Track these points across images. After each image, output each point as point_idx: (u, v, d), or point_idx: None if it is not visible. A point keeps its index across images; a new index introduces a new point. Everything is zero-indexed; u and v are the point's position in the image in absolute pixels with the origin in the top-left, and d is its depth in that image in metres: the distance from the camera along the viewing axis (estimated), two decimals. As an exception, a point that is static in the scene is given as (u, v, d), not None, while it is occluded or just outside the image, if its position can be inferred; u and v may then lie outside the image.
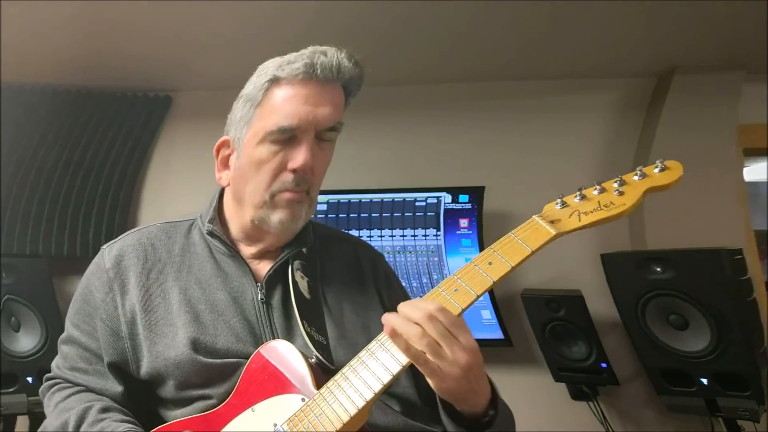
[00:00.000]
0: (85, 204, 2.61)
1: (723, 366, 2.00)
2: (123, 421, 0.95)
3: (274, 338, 0.98)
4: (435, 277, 2.46)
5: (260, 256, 1.07)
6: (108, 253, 1.05)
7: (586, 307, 2.27)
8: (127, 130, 2.70)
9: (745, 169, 2.79)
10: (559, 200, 0.89)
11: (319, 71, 0.96)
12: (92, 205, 2.62)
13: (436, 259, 2.48)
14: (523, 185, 2.62)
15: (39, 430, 1.01)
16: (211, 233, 1.06)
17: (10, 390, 2.18)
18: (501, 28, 2.27)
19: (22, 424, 2.28)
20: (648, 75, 2.73)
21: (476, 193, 2.50)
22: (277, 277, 1.04)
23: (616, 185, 0.87)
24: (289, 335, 0.99)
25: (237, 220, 1.06)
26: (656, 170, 0.86)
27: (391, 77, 2.69)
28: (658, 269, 2.07)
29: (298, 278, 1.02)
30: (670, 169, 0.86)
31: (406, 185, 2.58)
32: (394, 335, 0.81)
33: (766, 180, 3.61)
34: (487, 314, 2.44)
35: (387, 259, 1.23)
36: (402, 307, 0.82)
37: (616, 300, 2.23)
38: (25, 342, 2.23)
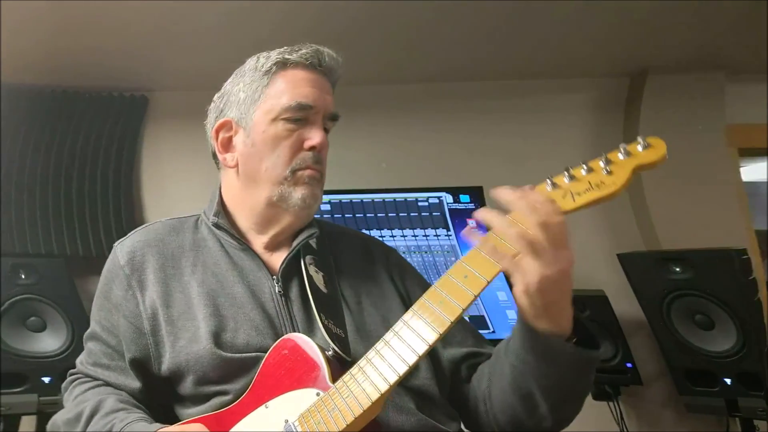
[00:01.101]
0: (89, 204, 2.62)
1: (746, 366, 2.00)
2: (135, 412, 0.95)
3: (294, 331, 0.97)
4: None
5: (272, 247, 1.08)
6: (120, 250, 1.06)
7: (611, 307, 2.27)
8: (109, 131, 2.70)
9: (743, 169, 2.80)
10: (549, 181, 0.88)
11: (327, 60, 1.05)
12: (95, 204, 2.63)
13: (453, 258, 2.47)
14: (514, 183, 2.62)
15: (50, 421, 1.02)
16: (217, 225, 1.07)
17: (17, 390, 2.14)
18: (484, 28, 2.30)
19: (27, 424, 2.26)
20: (621, 75, 2.76)
21: (476, 193, 2.50)
22: (292, 269, 1.04)
23: (602, 164, 0.85)
24: (309, 328, 0.99)
25: (246, 204, 1.07)
26: (639, 148, 0.84)
27: (374, 76, 2.69)
28: (678, 269, 2.08)
29: (312, 272, 1.02)
30: (654, 147, 0.84)
31: (400, 185, 2.58)
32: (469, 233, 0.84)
33: (765, 180, 3.60)
34: (513, 314, 2.42)
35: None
36: (504, 219, 0.83)
37: (640, 300, 2.23)
38: (50, 342, 2.21)
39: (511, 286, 0.83)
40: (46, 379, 2.16)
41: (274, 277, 1.03)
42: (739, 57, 2.51)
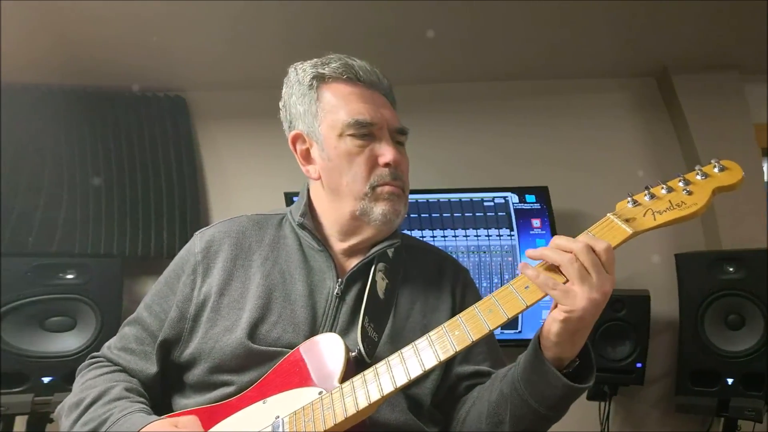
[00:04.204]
0: (153, 204, 2.67)
1: (756, 366, 2.02)
2: (138, 402, 0.99)
3: (331, 332, 1.00)
4: (506, 276, 2.45)
5: (349, 253, 1.10)
6: (200, 238, 1.11)
7: (649, 308, 2.27)
8: (161, 132, 2.74)
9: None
10: (629, 198, 0.89)
11: (361, 73, 1.06)
12: (161, 206, 2.68)
13: (510, 259, 2.47)
14: (576, 184, 2.62)
15: (60, 404, 1.04)
16: (301, 225, 1.09)
17: (16, 390, 2.14)
18: (520, 29, 2.33)
19: (19, 425, 2.26)
20: (643, 75, 2.75)
21: (542, 193, 2.48)
22: (360, 274, 1.07)
23: (681, 184, 0.86)
24: (348, 330, 1.02)
25: (332, 213, 1.09)
26: (716, 170, 0.86)
27: (441, 75, 2.72)
28: (731, 269, 2.09)
29: (378, 278, 1.06)
30: (730, 170, 0.85)
31: (465, 185, 2.58)
32: (525, 267, 0.84)
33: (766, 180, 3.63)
34: (547, 314, 2.42)
35: (461, 260, 1.24)
36: (557, 238, 0.85)
37: (682, 300, 2.23)
38: (70, 342, 2.23)
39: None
40: (46, 379, 2.17)
41: (340, 279, 1.06)
42: (749, 56, 2.50)
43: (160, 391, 1.07)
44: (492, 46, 2.48)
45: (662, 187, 0.87)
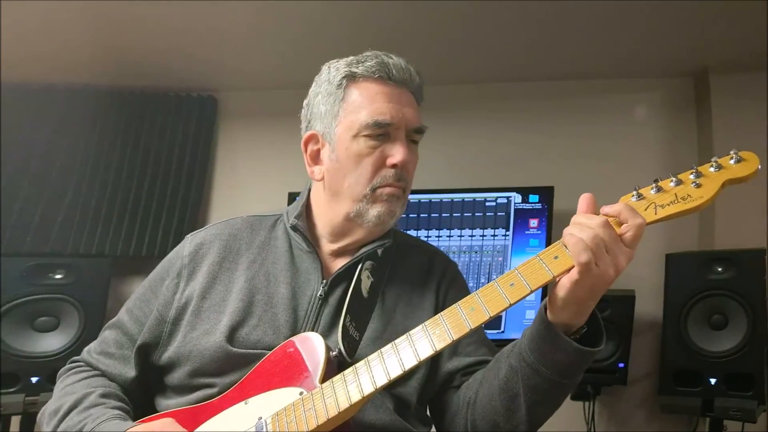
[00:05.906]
0: (155, 203, 2.68)
1: (738, 366, 2.03)
2: (115, 407, 0.98)
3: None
4: (494, 276, 2.44)
5: (337, 254, 1.10)
6: (190, 242, 1.11)
7: (633, 308, 2.27)
8: (183, 130, 2.76)
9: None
10: (634, 192, 0.86)
11: (394, 72, 1.04)
12: (162, 204, 2.68)
13: (500, 259, 2.47)
14: (589, 184, 2.62)
15: (41, 409, 1.04)
16: (294, 227, 1.09)
17: (11, 390, 2.18)
18: (542, 28, 2.35)
19: (15, 424, 2.30)
20: (682, 75, 2.76)
21: (546, 193, 2.49)
22: (346, 275, 1.06)
23: (692, 177, 0.83)
24: (330, 331, 1.01)
25: (327, 214, 1.09)
26: (732, 161, 0.82)
27: (456, 76, 2.73)
28: (720, 269, 2.10)
29: (364, 277, 1.04)
30: (747, 161, 0.82)
31: (472, 185, 2.58)
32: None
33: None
34: (532, 314, 2.42)
35: (453, 259, 1.25)
36: (579, 216, 0.84)
37: (667, 300, 2.24)
38: (53, 342, 2.25)
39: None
40: (34, 379, 2.19)
41: (324, 281, 1.05)
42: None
43: (141, 394, 1.07)
44: (536, 46, 2.50)
45: (671, 180, 0.84)
